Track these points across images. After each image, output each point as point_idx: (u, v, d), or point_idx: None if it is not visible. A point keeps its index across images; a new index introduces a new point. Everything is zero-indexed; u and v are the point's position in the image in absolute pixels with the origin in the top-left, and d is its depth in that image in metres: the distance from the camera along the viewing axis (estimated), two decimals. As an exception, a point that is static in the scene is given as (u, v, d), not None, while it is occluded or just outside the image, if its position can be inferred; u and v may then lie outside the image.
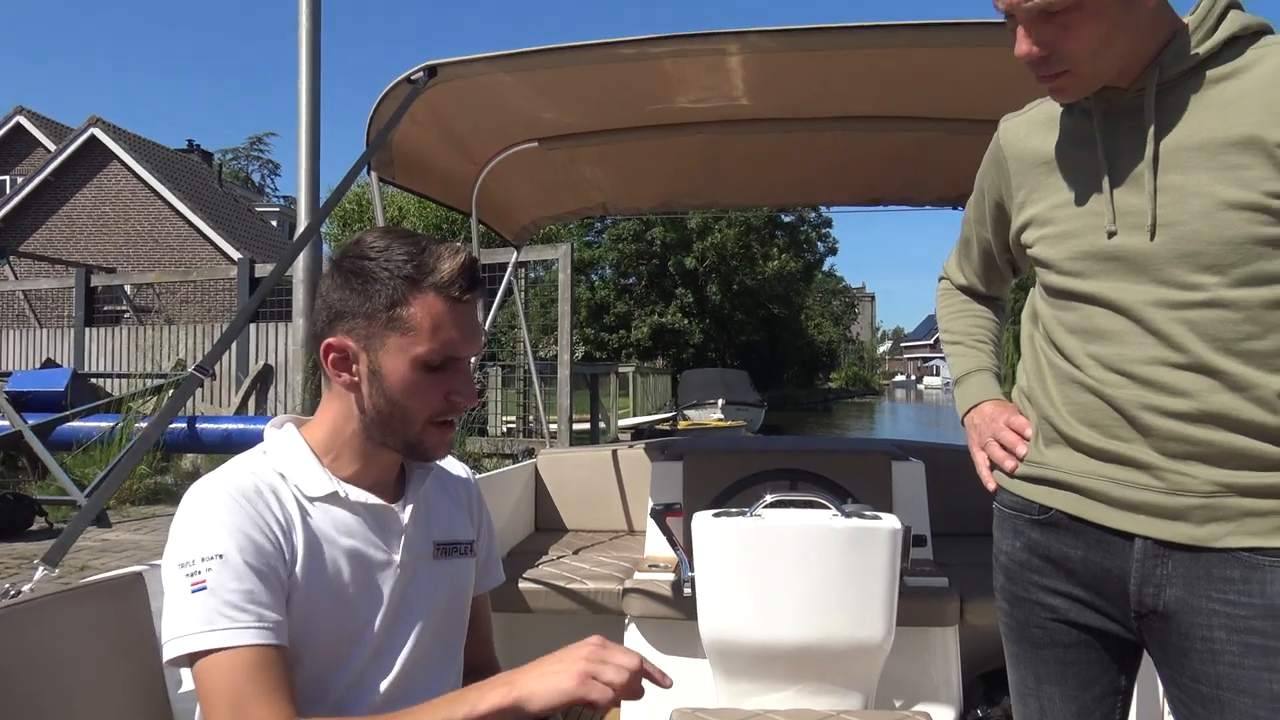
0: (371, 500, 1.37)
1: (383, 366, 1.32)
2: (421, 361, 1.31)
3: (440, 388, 1.34)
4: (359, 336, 1.32)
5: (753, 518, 2.55)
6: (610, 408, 19.80)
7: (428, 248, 1.33)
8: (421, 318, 1.30)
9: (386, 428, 1.35)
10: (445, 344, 1.32)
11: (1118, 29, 1.32)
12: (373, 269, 1.31)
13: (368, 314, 1.31)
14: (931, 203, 4.32)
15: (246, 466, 1.33)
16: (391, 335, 1.31)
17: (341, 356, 1.34)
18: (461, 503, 1.57)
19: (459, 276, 1.32)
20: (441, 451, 1.41)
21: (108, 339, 13.94)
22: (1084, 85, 1.39)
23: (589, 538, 4.19)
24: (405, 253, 1.31)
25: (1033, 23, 1.34)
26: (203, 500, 1.27)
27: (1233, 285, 1.30)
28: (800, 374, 58.25)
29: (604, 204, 4.60)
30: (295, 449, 1.37)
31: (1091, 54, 1.33)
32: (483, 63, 2.99)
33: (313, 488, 1.34)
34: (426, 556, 1.44)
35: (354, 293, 1.32)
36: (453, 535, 1.50)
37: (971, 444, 1.65)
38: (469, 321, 1.35)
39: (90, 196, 27.35)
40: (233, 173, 54.71)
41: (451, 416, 1.38)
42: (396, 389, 1.32)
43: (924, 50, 2.87)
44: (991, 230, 1.68)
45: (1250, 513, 1.32)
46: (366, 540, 1.36)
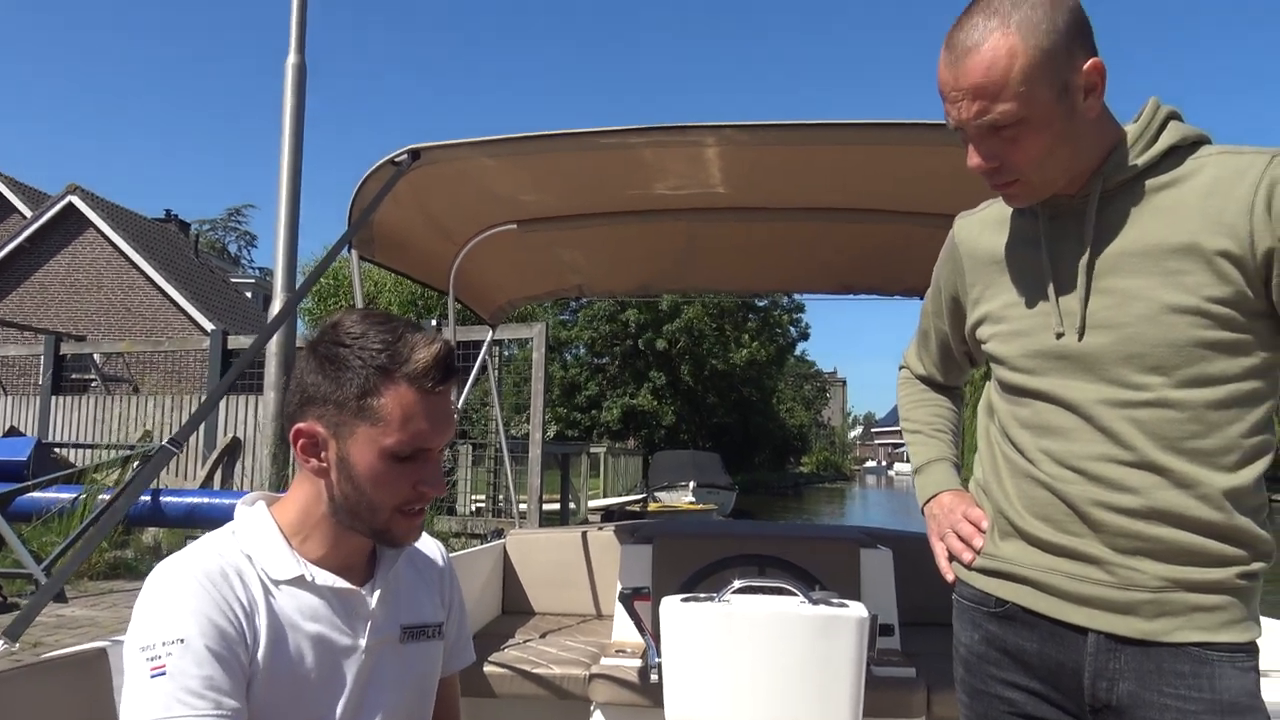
0: (338, 584, 1.36)
1: (351, 455, 1.31)
2: (390, 453, 1.30)
3: (408, 477, 1.33)
4: (329, 423, 1.32)
5: (720, 603, 2.55)
6: (581, 488, 19.67)
7: (403, 336, 1.32)
8: (392, 409, 1.29)
9: (354, 515, 1.34)
10: (415, 435, 1.30)
11: (1061, 141, 1.39)
12: (346, 356, 1.30)
13: (339, 401, 1.30)
14: (901, 293, 4.41)
15: (213, 547, 1.32)
16: (361, 425, 1.30)
17: (310, 442, 1.33)
18: (433, 584, 1.56)
19: (433, 368, 1.31)
20: (411, 538, 1.41)
21: (74, 408, 13.76)
22: (1035, 192, 1.46)
23: (556, 621, 4.15)
24: (380, 341, 1.31)
25: (982, 137, 1.40)
26: (167, 582, 1.26)
27: (1177, 386, 1.36)
28: (771, 457, 58.21)
29: (580, 286, 4.67)
30: (264, 529, 1.36)
31: (1038, 165, 1.40)
32: (465, 147, 3.06)
33: (279, 571, 1.33)
34: (393, 641, 1.43)
35: (327, 379, 1.31)
36: (421, 618, 1.49)
37: (931, 534, 1.67)
38: (440, 412, 1.33)
39: (64, 264, 27.22)
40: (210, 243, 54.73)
41: (419, 505, 1.36)
42: (364, 478, 1.31)
43: (893, 147, 2.98)
44: (949, 324, 1.73)
45: (1198, 608, 1.35)
46: (331, 625, 1.35)
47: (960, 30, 1.38)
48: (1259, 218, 1.32)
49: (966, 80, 1.36)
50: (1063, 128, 1.38)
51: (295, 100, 8.40)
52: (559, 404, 40.96)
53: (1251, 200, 1.33)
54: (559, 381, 40.98)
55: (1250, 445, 1.37)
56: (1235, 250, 1.33)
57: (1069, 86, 1.36)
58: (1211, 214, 1.35)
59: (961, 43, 1.37)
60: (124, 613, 7.13)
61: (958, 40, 1.38)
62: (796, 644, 2.50)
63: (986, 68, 1.34)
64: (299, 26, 8.49)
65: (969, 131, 1.41)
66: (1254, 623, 1.38)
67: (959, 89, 1.38)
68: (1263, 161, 1.34)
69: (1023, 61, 1.33)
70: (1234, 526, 1.35)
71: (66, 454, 11.70)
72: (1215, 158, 1.39)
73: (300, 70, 8.43)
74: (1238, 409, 1.36)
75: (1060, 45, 1.34)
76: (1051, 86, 1.34)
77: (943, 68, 1.40)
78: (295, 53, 8.43)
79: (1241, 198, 1.34)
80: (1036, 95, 1.34)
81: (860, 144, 2.97)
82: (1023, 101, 1.34)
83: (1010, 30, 1.33)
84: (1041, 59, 1.33)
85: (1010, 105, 1.34)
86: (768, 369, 49.19)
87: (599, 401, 42.64)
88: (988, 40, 1.34)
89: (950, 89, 1.39)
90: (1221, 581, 1.35)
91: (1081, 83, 1.37)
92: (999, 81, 1.34)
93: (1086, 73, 1.36)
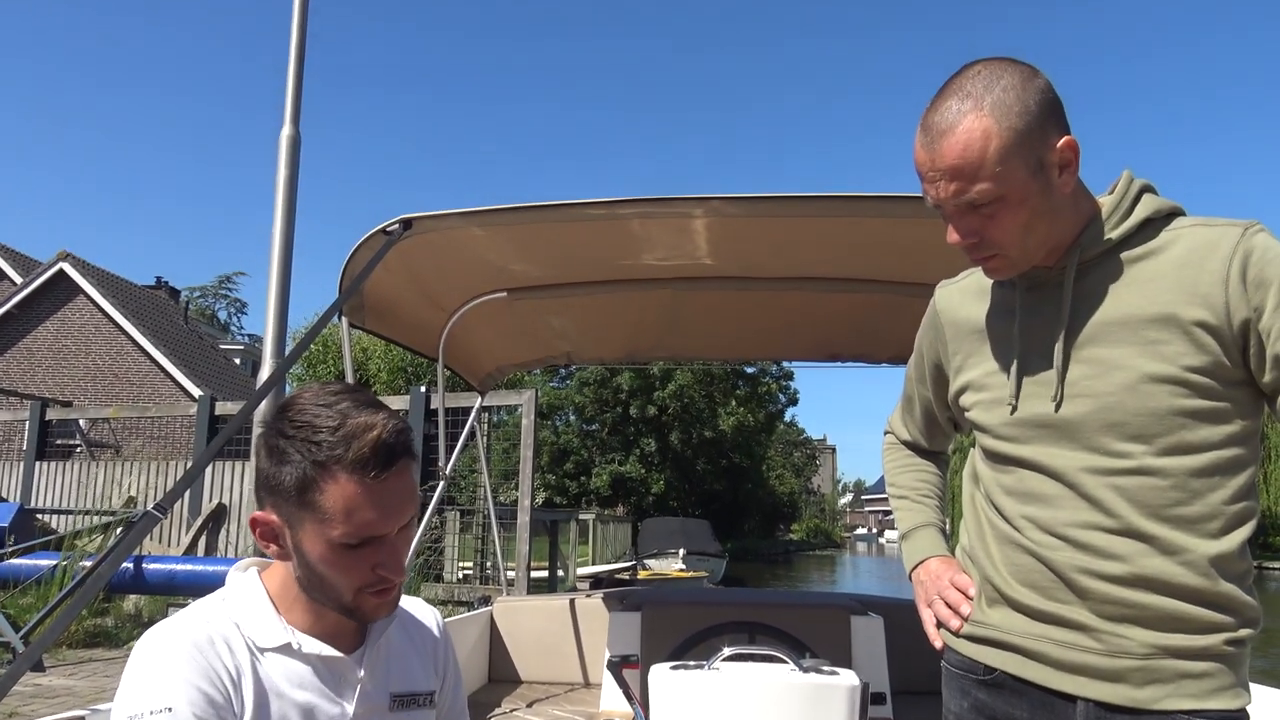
0: (325, 652, 1.35)
1: (303, 545, 1.29)
2: (338, 544, 1.27)
3: (365, 561, 1.29)
4: (281, 513, 1.31)
5: (710, 671, 2.53)
6: (569, 555, 19.49)
7: (344, 422, 1.26)
8: (334, 501, 1.25)
9: (322, 596, 1.34)
10: (361, 526, 1.26)
11: (1038, 216, 1.42)
12: (286, 448, 1.27)
13: (283, 494, 1.28)
14: (888, 360, 4.45)
15: (202, 614, 1.32)
16: (306, 516, 1.27)
17: (267, 529, 1.33)
18: (426, 651, 1.54)
19: (372, 457, 1.25)
20: (382, 613, 1.36)
21: (58, 474, 13.64)
22: (1014, 266, 1.49)
23: (544, 689, 4.10)
24: (324, 428, 1.26)
25: (960, 215, 1.44)
26: (155, 650, 1.26)
27: (1159, 454, 1.38)
28: (761, 524, 57.85)
29: (569, 353, 4.70)
30: (254, 596, 1.36)
31: (1017, 240, 1.44)
32: (456, 217, 3.11)
33: (266, 638, 1.32)
34: (382, 709, 1.41)
35: (273, 468, 1.29)
36: (412, 686, 1.48)
37: (918, 601, 1.67)
38: (389, 497, 1.28)
39: (53, 329, 27.21)
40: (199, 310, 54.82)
41: (381, 587, 1.32)
42: (319, 566, 1.30)
43: (878, 219, 3.03)
44: (932, 390, 1.75)
45: (1186, 675, 1.35)
46: (319, 693, 1.34)
47: (935, 112, 1.42)
48: (1234, 289, 1.35)
49: (943, 161, 1.40)
50: (1039, 204, 1.41)
51: (289, 171, 8.48)
52: (548, 470, 40.77)
53: (1226, 272, 1.36)
54: (549, 448, 40.83)
55: (1233, 511, 1.38)
56: (1211, 320, 1.36)
57: (1044, 164, 1.40)
58: (1187, 285, 1.38)
59: (937, 125, 1.41)
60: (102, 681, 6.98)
61: (933, 122, 1.42)
62: (787, 712, 2.48)
63: (962, 149, 1.38)
64: (294, 98, 8.62)
65: (947, 210, 1.45)
66: (1243, 689, 1.38)
67: (936, 169, 1.41)
68: (1235, 234, 1.38)
69: (997, 143, 1.37)
70: (1219, 593, 1.36)
71: (49, 520, 11.58)
72: (1189, 230, 1.43)
73: (294, 142, 8.52)
74: (1220, 476, 1.38)
75: (1033, 125, 1.38)
76: (1026, 165, 1.38)
77: (919, 149, 1.44)
78: (290, 124, 8.54)
79: (1215, 270, 1.37)
80: (1012, 174, 1.38)
81: (846, 216, 3.02)
82: (999, 181, 1.38)
83: (984, 112, 1.37)
84: (1015, 139, 1.37)
85: (987, 185, 1.38)
86: (757, 435, 49.12)
87: (588, 468, 42.46)
88: (962, 122, 1.38)
89: (928, 169, 1.43)
90: (1208, 648, 1.36)
91: (1055, 160, 1.40)
92: (975, 162, 1.37)
93: (1060, 150, 1.40)
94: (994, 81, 1.39)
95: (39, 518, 11.28)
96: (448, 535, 13.26)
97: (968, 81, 1.41)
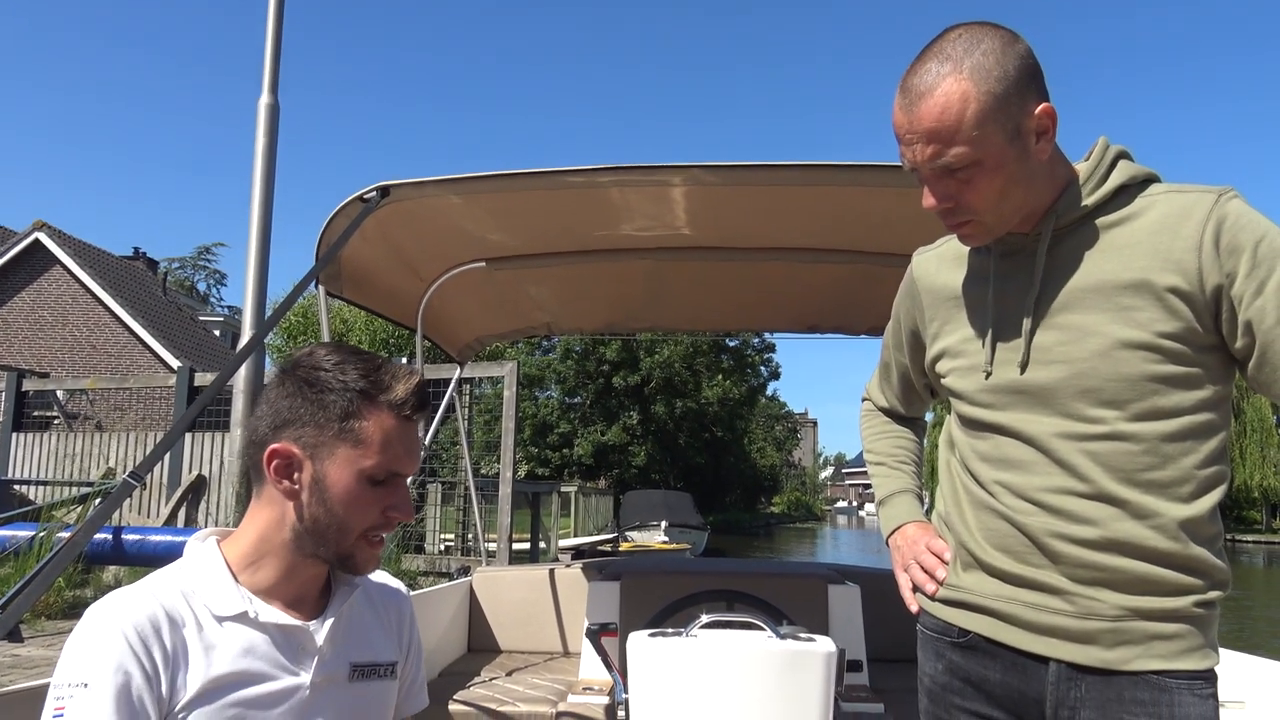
0: (283, 620, 1.35)
1: (327, 476, 1.33)
2: (367, 475, 1.33)
3: (379, 502, 1.35)
4: (306, 444, 1.33)
5: (688, 638, 2.55)
6: (551, 527, 19.55)
7: (382, 365, 1.37)
8: (374, 432, 1.33)
9: (320, 538, 1.34)
10: (392, 460, 1.34)
11: (1014, 182, 1.42)
12: (328, 380, 1.34)
13: (319, 423, 1.33)
14: (866, 332, 4.46)
15: (151, 588, 1.31)
16: (342, 446, 1.33)
17: (285, 463, 1.33)
18: (390, 622, 1.54)
19: (411, 396, 1.36)
20: (371, 566, 1.41)
21: (35, 445, 13.54)
22: (989, 232, 1.49)
23: (523, 659, 4.11)
24: (360, 368, 1.35)
25: (937, 178, 1.44)
26: (90, 624, 1.25)
27: (1131, 419, 1.39)
28: (743, 497, 58.18)
29: (549, 324, 4.68)
30: (210, 565, 1.35)
31: (992, 205, 1.44)
32: (434, 185, 3.08)
33: (221, 607, 1.31)
34: (341, 679, 1.40)
35: (307, 401, 1.33)
36: (373, 656, 1.47)
37: (895, 566, 1.69)
38: (413, 440, 1.38)
39: (28, 300, 26.91)
40: (178, 281, 54.37)
41: (386, 532, 1.39)
42: (337, 500, 1.33)
43: (857, 189, 3.03)
44: (909, 357, 1.76)
45: (1157, 636, 1.38)
46: (274, 662, 1.33)
47: (914, 75, 1.42)
48: (1207, 255, 1.36)
49: (920, 124, 1.40)
50: (1015, 169, 1.41)
51: (267, 140, 8.40)
52: (530, 443, 40.81)
53: (1199, 239, 1.37)
54: (531, 420, 40.85)
55: (1205, 476, 1.40)
56: (1184, 286, 1.37)
57: (1021, 130, 1.40)
58: (1161, 251, 1.39)
59: (915, 87, 1.41)
60: (82, 654, 6.97)
61: (912, 84, 1.41)
62: (764, 679, 2.50)
63: (940, 112, 1.38)
64: (272, 66, 8.52)
65: (923, 173, 1.45)
66: (1212, 650, 1.41)
67: (913, 132, 1.41)
68: (1209, 200, 1.39)
69: (975, 106, 1.37)
70: (1190, 556, 1.38)
71: (26, 491, 11.51)
72: (1163, 196, 1.44)
73: (273, 110, 8.44)
74: (1192, 441, 1.39)
75: (1011, 90, 1.38)
76: (1003, 130, 1.38)
77: (897, 111, 1.44)
78: (268, 93, 8.45)
79: (1189, 235, 1.38)
80: (989, 139, 1.38)
81: (826, 185, 3.01)
82: (975, 145, 1.38)
83: (963, 75, 1.37)
84: (993, 104, 1.37)
85: (963, 148, 1.38)
86: (739, 409, 49.28)
87: (570, 440, 42.51)
88: (941, 85, 1.38)
89: (905, 132, 1.43)
90: (1179, 610, 1.38)
91: (1033, 126, 1.41)
92: (952, 125, 1.38)
93: (1038, 117, 1.40)
94: (974, 45, 1.39)
95: (16, 489, 11.20)
96: (429, 507, 13.28)
97: (948, 45, 1.41)
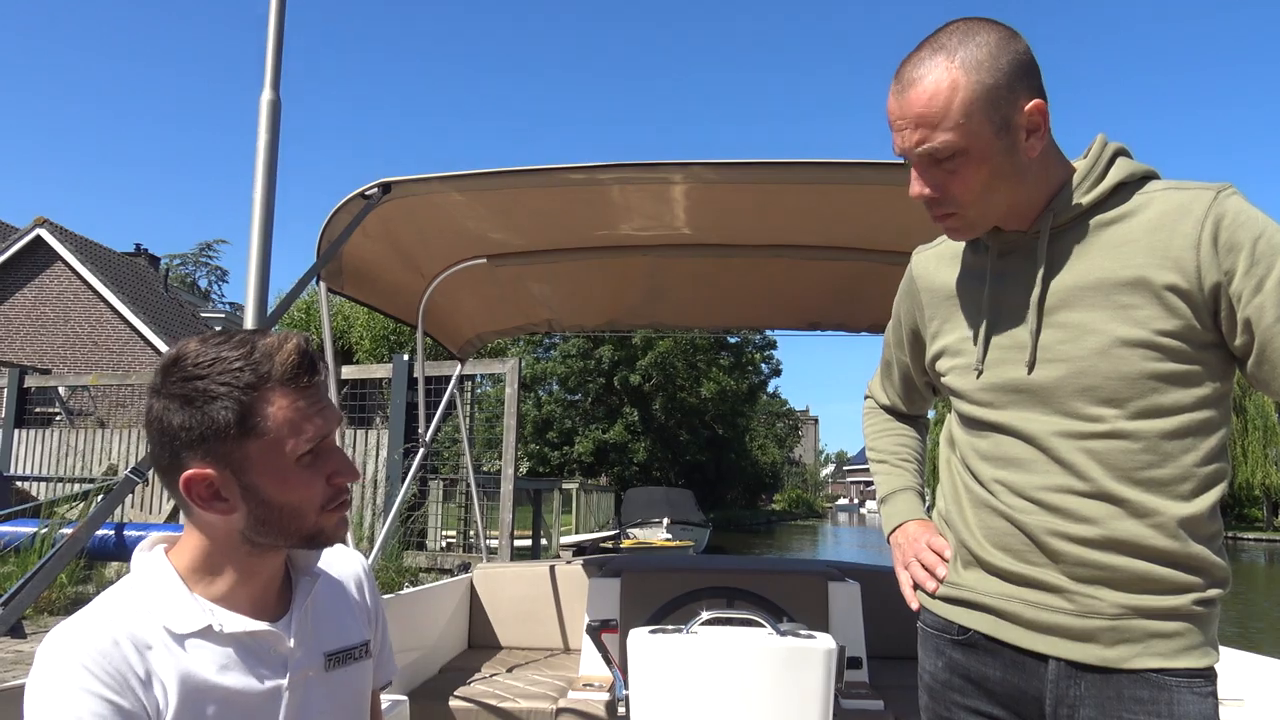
0: (249, 626, 1.28)
1: (256, 479, 1.25)
2: (294, 460, 1.26)
3: (321, 475, 1.28)
4: (219, 459, 1.24)
5: (688, 635, 2.55)
6: (553, 524, 19.54)
7: (255, 346, 1.26)
8: (277, 417, 1.24)
9: (279, 531, 1.28)
10: (313, 434, 1.27)
11: (1000, 176, 1.43)
12: (208, 386, 1.22)
13: (221, 434, 1.22)
14: (866, 329, 4.46)
15: (107, 610, 1.25)
16: (254, 444, 1.23)
17: (207, 487, 1.24)
18: (353, 600, 1.50)
19: (298, 364, 1.26)
20: (341, 532, 1.34)
21: (37, 442, 13.56)
22: (971, 227, 1.50)
23: (523, 655, 4.12)
24: (237, 358, 1.24)
25: (925, 167, 1.45)
26: (58, 658, 1.18)
27: (1130, 417, 1.39)
28: (743, 495, 58.13)
29: (549, 321, 4.68)
30: (163, 578, 1.28)
31: (977, 198, 1.45)
32: (436, 181, 3.08)
33: (182, 624, 1.25)
34: (318, 671, 1.36)
35: (197, 415, 1.22)
36: (345, 641, 1.43)
37: (896, 563, 1.69)
38: (317, 400, 1.29)
39: (30, 297, 26.94)
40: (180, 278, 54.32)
41: (341, 498, 1.31)
42: (277, 493, 1.26)
43: (858, 186, 3.03)
44: (910, 355, 1.76)
45: (1156, 634, 1.38)
46: (247, 671, 1.28)
47: (908, 63, 1.44)
48: (1205, 252, 1.36)
49: (910, 110, 1.42)
50: (1002, 163, 1.42)
51: (269, 136, 8.35)
52: (531, 440, 40.79)
53: (1198, 236, 1.37)
54: (532, 419, 40.84)
55: (1204, 474, 1.40)
56: (1183, 284, 1.37)
57: (1010, 124, 1.40)
58: (1159, 249, 1.39)
59: (908, 74, 1.43)
60: (84, 650, 6.98)
61: (905, 72, 1.44)
62: (764, 675, 2.50)
63: (929, 98, 1.40)
64: (274, 62, 8.51)
65: (912, 160, 1.46)
66: (1211, 648, 1.40)
67: (903, 118, 1.43)
68: (1208, 197, 1.38)
69: (963, 95, 1.38)
70: (1190, 554, 1.38)
71: (29, 487, 11.52)
72: (1161, 193, 1.43)
73: (275, 106, 8.39)
74: (1191, 438, 1.39)
75: (1002, 82, 1.39)
76: (991, 122, 1.39)
77: (890, 97, 1.46)
78: (270, 89, 8.40)
79: (1187, 233, 1.37)
80: (975, 128, 1.39)
81: (827, 183, 3.01)
82: (962, 133, 1.39)
83: (954, 65, 1.39)
84: (982, 93, 1.38)
85: (950, 136, 1.40)
86: (740, 406, 49.22)
87: (571, 437, 42.50)
88: (932, 73, 1.40)
89: (896, 118, 1.45)
90: (1178, 608, 1.38)
91: (1023, 122, 1.41)
92: (939, 112, 1.39)
93: (1028, 113, 1.41)
94: (969, 38, 1.41)
95: (18, 485, 11.21)
96: (430, 504, 13.28)
97: (944, 36, 1.43)
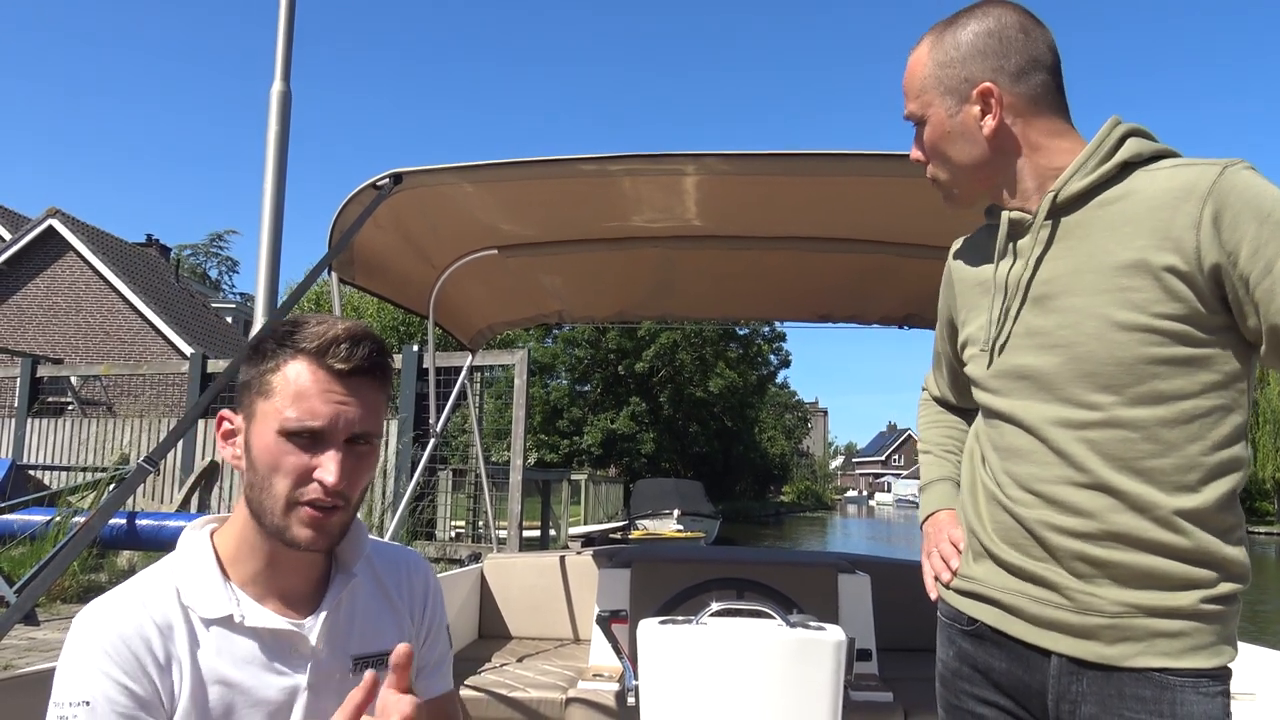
0: (272, 623, 1.27)
1: (252, 437, 1.27)
2: (282, 429, 1.23)
3: (301, 459, 1.24)
4: (242, 407, 1.29)
5: (698, 626, 2.55)
6: (561, 515, 19.59)
7: (325, 321, 1.28)
8: (284, 382, 1.24)
9: (259, 510, 1.26)
10: (305, 413, 1.23)
11: (956, 149, 1.54)
12: (266, 341, 1.29)
13: (247, 382, 1.29)
14: (878, 321, 4.45)
15: (140, 594, 1.25)
16: (259, 401, 1.26)
17: (228, 429, 1.32)
18: (403, 608, 1.44)
19: (332, 342, 1.25)
20: (312, 542, 1.26)
21: (50, 431, 13.63)
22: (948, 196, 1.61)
23: (533, 645, 4.14)
24: (308, 323, 1.28)
25: (917, 134, 1.60)
26: (83, 637, 1.20)
27: (1129, 404, 1.35)
28: (752, 487, 58.16)
29: (560, 312, 4.69)
30: (200, 560, 1.29)
31: (940, 165, 1.58)
32: (447, 172, 3.08)
33: (207, 609, 1.25)
34: (343, 673, 1.32)
35: (246, 364, 1.30)
36: (378, 645, 1.37)
37: (922, 552, 1.71)
38: (340, 395, 1.25)
39: (42, 287, 27.05)
40: (191, 268, 54.54)
41: (315, 498, 1.24)
42: (258, 458, 1.25)
43: (871, 178, 3.01)
44: (950, 347, 1.76)
45: (1159, 633, 1.34)
46: (265, 667, 1.26)
47: None
48: (1206, 232, 1.30)
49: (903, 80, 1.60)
50: (956, 137, 1.52)
51: (280, 127, 8.42)
52: (540, 430, 40.88)
53: (1199, 215, 1.31)
54: (540, 407, 40.92)
55: (1213, 463, 1.34)
56: (1181, 266, 1.32)
57: (966, 100, 1.50)
58: (1159, 228, 1.34)
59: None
60: (96, 638, 7.04)
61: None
62: (774, 667, 2.51)
63: (908, 70, 1.59)
64: (285, 54, 8.52)
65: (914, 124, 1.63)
66: (1225, 645, 1.35)
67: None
68: (1213, 173, 1.32)
69: (923, 70, 1.55)
70: (1196, 548, 1.33)
71: (42, 476, 11.59)
72: (1167, 170, 1.38)
73: (285, 98, 8.45)
74: (1197, 426, 1.34)
75: (955, 62, 1.50)
76: (943, 97, 1.52)
77: None
78: (280, 80, 8.47)
79: (1189, 212, 1.32)
80: (930, 101, 1.54)
81: (839, 175, 3.00)
82: (921, 105, 1.56)
83: (928, 42, 1.56)
84: (935, 70, 1.53)
85: (913, 105, 1.58)
86: (749, 398, 49.21)
87: (580, 427, 42.57)
88: (915, 50, 1.58)
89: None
90: (1184, 606, 1.33)
91: (976, 101, 1.49)
92: (907, 82, 1.58)
93: (978, 94, 1.48)
94: (968, 19, 1.52)
95: (31, 474, 11.28)
96: (440, 494, 13.32)
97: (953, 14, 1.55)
